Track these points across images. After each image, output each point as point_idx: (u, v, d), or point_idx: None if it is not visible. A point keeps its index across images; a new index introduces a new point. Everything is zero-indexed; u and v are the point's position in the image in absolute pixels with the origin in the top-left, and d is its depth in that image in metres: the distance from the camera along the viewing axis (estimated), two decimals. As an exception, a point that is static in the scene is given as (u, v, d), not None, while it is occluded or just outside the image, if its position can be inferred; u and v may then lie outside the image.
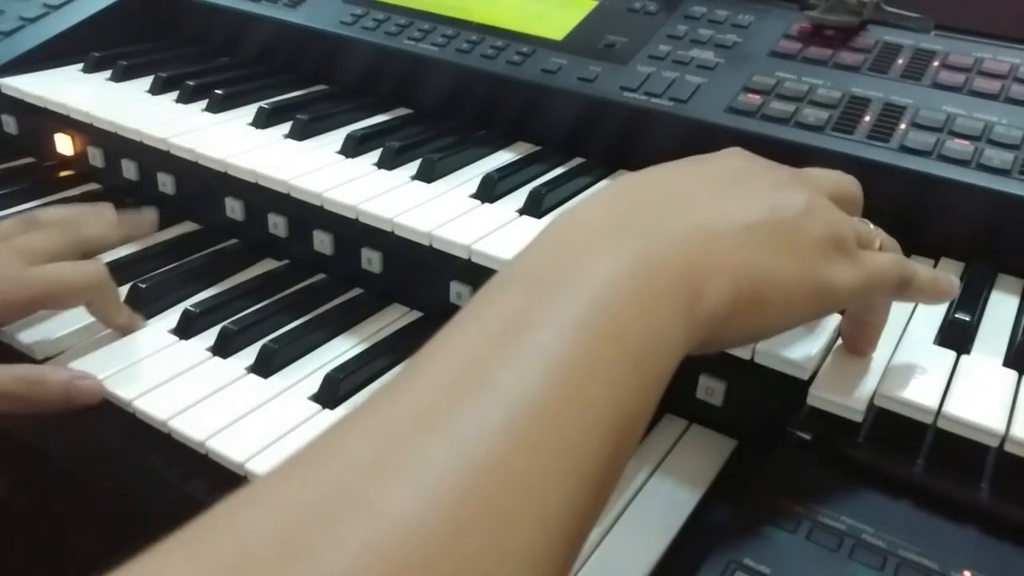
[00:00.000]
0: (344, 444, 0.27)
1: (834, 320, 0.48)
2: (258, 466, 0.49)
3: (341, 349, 0.61)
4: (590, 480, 0.28)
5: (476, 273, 0.57)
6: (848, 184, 0.46)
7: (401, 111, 0.79)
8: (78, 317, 0.61)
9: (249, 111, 0.76)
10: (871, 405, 0.45)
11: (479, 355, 0.29)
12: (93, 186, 0.82)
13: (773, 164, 0.43)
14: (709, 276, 0.34)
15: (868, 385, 0.45)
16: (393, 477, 0.25)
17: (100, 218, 0.64)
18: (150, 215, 0.69)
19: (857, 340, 0.47)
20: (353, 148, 0.69)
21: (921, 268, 0.44)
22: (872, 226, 0.44)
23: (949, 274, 0.47)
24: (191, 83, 0.78)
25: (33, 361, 0.59)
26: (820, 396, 0.45)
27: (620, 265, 0.32)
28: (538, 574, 0.26)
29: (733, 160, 0.42)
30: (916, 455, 0.46)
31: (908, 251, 0.59)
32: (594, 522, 0.30)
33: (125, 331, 0.61)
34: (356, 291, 0.68)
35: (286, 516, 0.24)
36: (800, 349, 0.46)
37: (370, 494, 0.25)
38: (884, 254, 0.43)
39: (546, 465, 0.27)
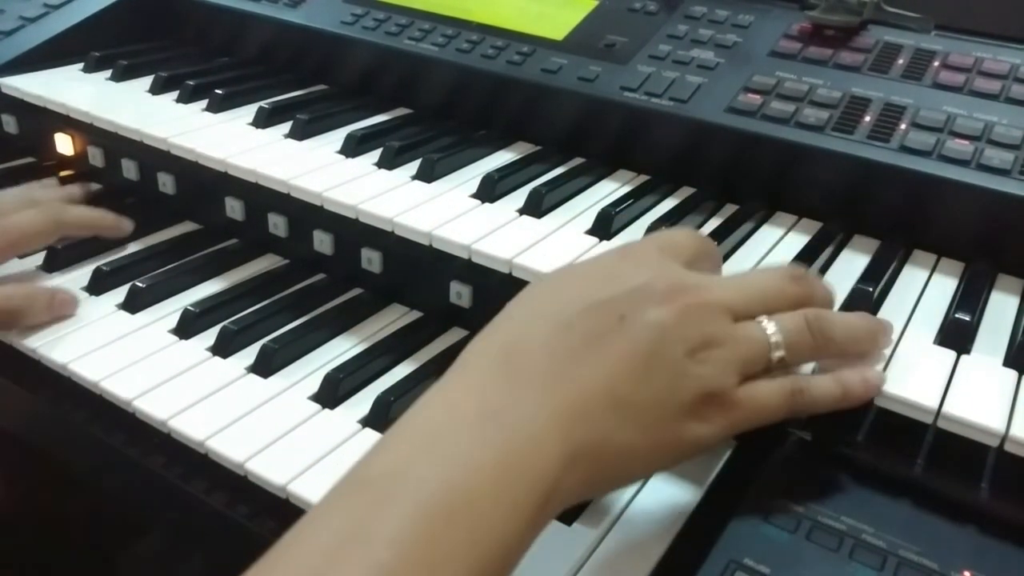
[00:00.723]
0: None
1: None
2: (258, 466, 0.49)
3: (341, 349, 0.61)
4: None
5: (476, 273, 0.57)
6: (774, 284, 0.43)
7: (401, 111, 0.79)
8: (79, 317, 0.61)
9: (249, 111, 0.76)
10: (871, 404, 0.44)
11: (350, 526, 0.31)
12: (93, 186, 0.81)
13: (684, 281, 0.40)
14: (568, 467, 0.35)
15: (875, 365, 0.45)
16: None
17: (83, 208, 0.72)
18: (126, 224, 0.73)
19: None
20: (353, 148, 0.69)
21: (819, 381, 0.42)
22: (772, 329, 0.40)
23: (866, 371, 0.43)
24: (191, 83, 0.78)
25: (35, 363, 0.59)
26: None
27: (474, 467, 0.33)
28: None
29: (642, 272, 0.40)
30: (916, 455, 0.46)
31: (908, 251, 0.59)
32: None
33: (117, 230, 0.70)
34: (356, 291, 0.68)
35: None
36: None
37: None
38: (767, 386, 0.40)
39: None
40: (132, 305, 0.64)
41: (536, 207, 0.62)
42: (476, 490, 0.32)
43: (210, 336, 0.61)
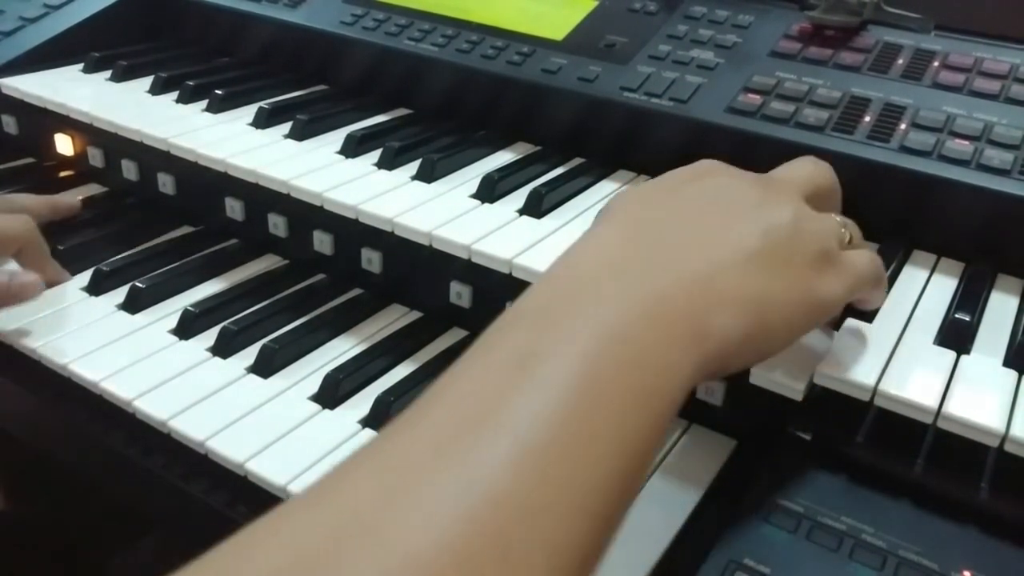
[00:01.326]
0: (358, 477, 0.28)
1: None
2: (258, 466, 0.49)
3: (341, 349, 0.61)
4: (597, 515, 0.29)
5: (476, 273, 0.57)
6: (822, 177, 0.48)
7: (401, 111, 0.79)
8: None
9: (249, 111, 0.76)
10: (871, 404, 0.44)
11: (487, 392, 0.30)
12: (93, 186, 0.82)
13: (751, 176, 0.44)
14: (715, 312, 0.35)
15: (870, 380, 0.45)
16: (403, 511, 0.26)
17: (27, 195, 0.72)
18: (73, 199, 0.75)
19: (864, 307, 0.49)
20: (353, 148, 0.69)
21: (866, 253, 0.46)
22: (839, 219, 0.45)
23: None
24: (191, 83, 0.78)
25: (35, 363, 0.59)
26: (827, 374, 0.45)
27: (626, 304, 0.33)
28: None
29: (716, 178, 0.43)
30: (916, 455, 0.46)
31: (908, 251, 0.59)
32: (602, 556, 0.30)
33: (51, 283, 0.66)
34: (356, 291, 0.68)
35: (300, 545, 0.26)
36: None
37: (380, 527, 0.26)
38: (861, 253, 0.44)
39: (553, 500, 0.28)
40: (132, 305, 0.64)
41: (536, 207, 0.62)
42: (637, 324, 0.33)
43: (210, 336, 0.61)
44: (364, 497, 0.27)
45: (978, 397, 0.43)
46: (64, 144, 0.81)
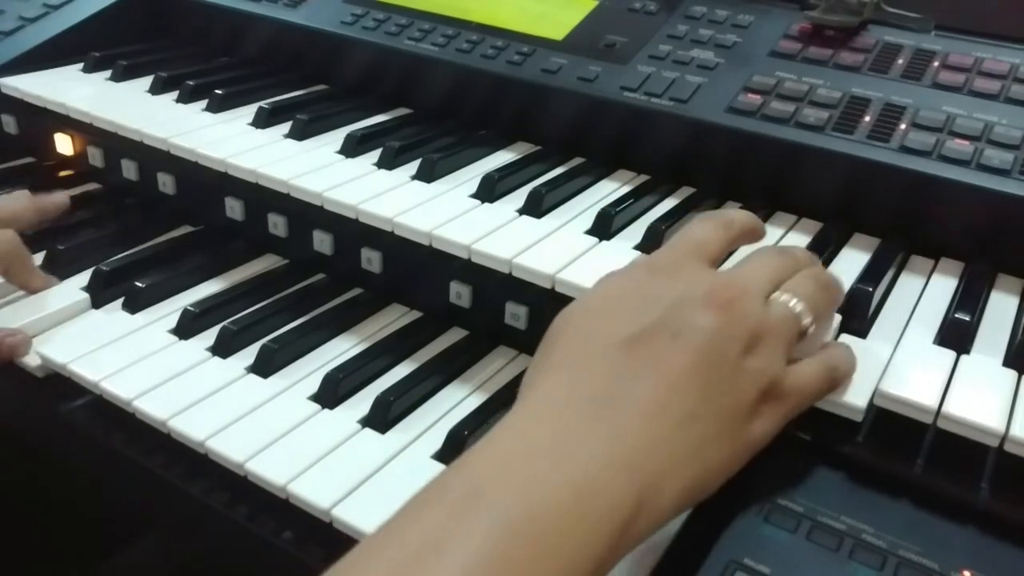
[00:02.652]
0: None
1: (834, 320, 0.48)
2: (258, 466, 0.49)
3: (341, 349, 0.61)
4: None
5: (476, 273, 0.57)
6: (784, 265, 0.43)
7: (401, 111, 0.79)
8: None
9: (249, 111, 0.76)
10: (871, 405, 0.44)
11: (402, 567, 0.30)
12: (93, 186, 0.82)
13: (715, 286, 0.40)
14: (648, 498, 0.34)
15: (869, 383, 0.45)
16: None
17: (14, 199, 0.69)
18: (61, 196, 0.73)
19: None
20: (353, 148, 0.69)
21: (840, 351, 0.45)
22: (793, 301, 0.41)
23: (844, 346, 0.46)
24: (191, 83, 0.78)
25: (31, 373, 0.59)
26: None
27: (549, 489, 0.32)
28: None
29: (677, 284, 0.40)
30: (916, 455, 0.46)
31: (908, 251, 0.59)
32: None
33: (37, 291, 0.65)
34: (356, 291, 0.68)
35: None
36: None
37: None
38: (807, 369, 0.42)
39: None
40: (132, 305, 0.64)
41: (536, 207, 0.62)
42: (552, 515, 0.32)
43: (210, 336, 0.61)
44: None
45: (978, 397, 0.43)
46: (64, 144, 0.81)
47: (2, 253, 0.64)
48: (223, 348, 0.60)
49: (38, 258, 0.70)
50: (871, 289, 0.51)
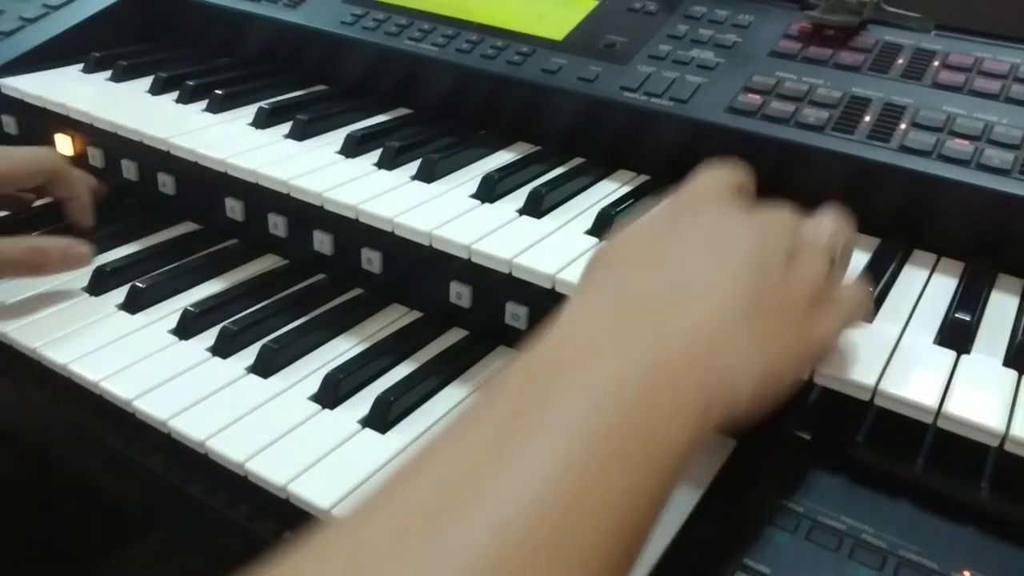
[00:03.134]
0: (334, 552, 0.27)
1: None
2: (258, 466, 0.49)
3: (341, 349, 0.61)
4: None
5: (476, 273, 0.57)
6: (831, 233, 0.45)
7: (401, 111, 0.79)
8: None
9: (249, 111, 0.76)
10: (871, 404, 0.44)
11: (473, 464, 0.28)
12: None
13: (740, 212, 0.42)
14: (722, 383, 0.34)
15: (872, 376, 0.44)
16: None
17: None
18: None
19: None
20: (353, 148, 0.69)
21: (855, 289, 0.46)
22: (825, 246, 0.43)
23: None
24: (191, 83, 0.78)
25: (34, 363, 0.59)
26: (827, 374, 0.45)
27: (623, 373, 0.32)
28: None
29: (706, 219, 0.41)
30: (916, 455, 0.46)
31: (908, 251, 0.59)
32: None
33: (87, 206, 0.73)
34: (356, 291, 0.68)
35: None
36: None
37: None
38: (849, 289, 0.45)
39: None
40: (132, 305, 0.64)
41: (536, 207, 0.62)
42: (628, 413, 0.31)
43: (210, 336, 0.61)
44: (364, 557, 0.26)
45: (978, 397, 0.43)
46: (64, 144, 0.81)
47: (45, 165, 0.70)
48: (223, 348, 0.60)
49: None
50: (871, 289, 0.51)
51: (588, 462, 0.29)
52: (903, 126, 0.60)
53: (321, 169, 0.66)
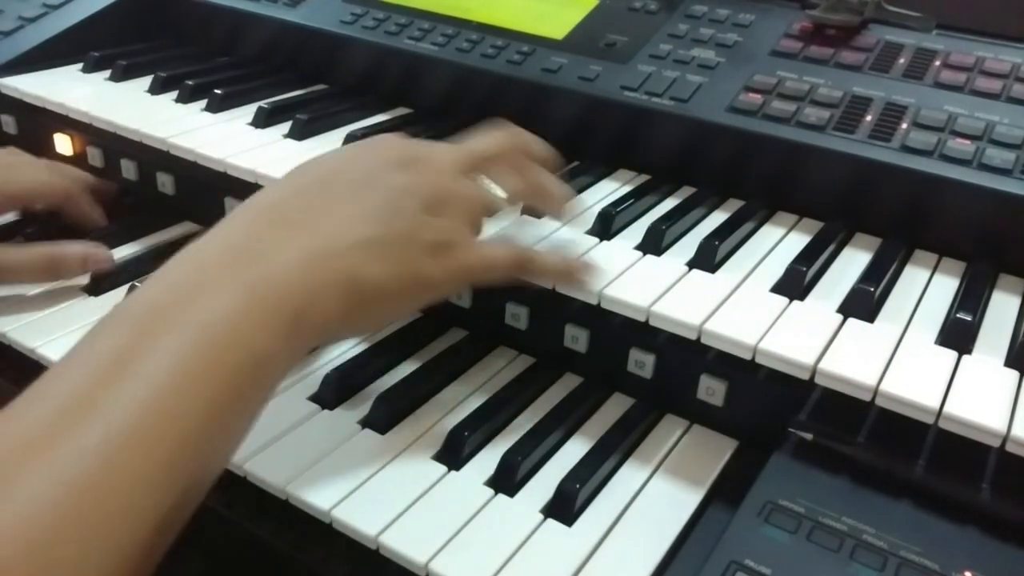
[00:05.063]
0: None
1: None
2: (257, 466, 0.49)
3: (341, 349, 0.61)
4: (175, 476, 0.33)
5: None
6: (493, 147, 0.52)
7: (401, 110, 0.79)
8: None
9: (248, 111, 0.75)
10: (872, 404, 0.44)
11: (86, 387, 0.33)
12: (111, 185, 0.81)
13: (402, 156, 0.47)
14: (316, 295, 0.39)
15: (873, 377, 0.44)
16: (13, 488, 0.30)
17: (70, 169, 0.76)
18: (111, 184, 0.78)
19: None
20: (353, 148, 0.69)
21: (544, 258, 0.51)
22: (491, 194, 0.51)
23: (583, 260, 0.52)
24: (190, 83, 0.78)
25: (33, 364, 0.59)
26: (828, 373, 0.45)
27: (231, 293, 0.37)
28: (125, 570, 0.31)
29: (376, 158, 0.47)
30: (917, 455, 0.46)
31: (910, 250, 0.59)
32: (185, 515, 0.35)
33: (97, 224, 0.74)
34: (356, 291, 0.68)
35: None
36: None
37: None
38: (500, 249, 0.49)
39: (137, 478, 0.32)
40: (131, 305, 0.64)
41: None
42: (234, 315, 0.36)
43: (210, 336, 0.61)
44: None
45: (979, 397, 0.43)
46: (63, 144, 0.81)
47: (53, 194, 0.71)
48: (223, 348, 0.59)
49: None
50: (872, 289, 0.51)
51: (187, 381, 0.34)
52: (904, 126, 0.60)
53: (321, 169, 0.66)
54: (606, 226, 0.59)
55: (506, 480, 0.49)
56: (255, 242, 0.40)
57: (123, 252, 0.72)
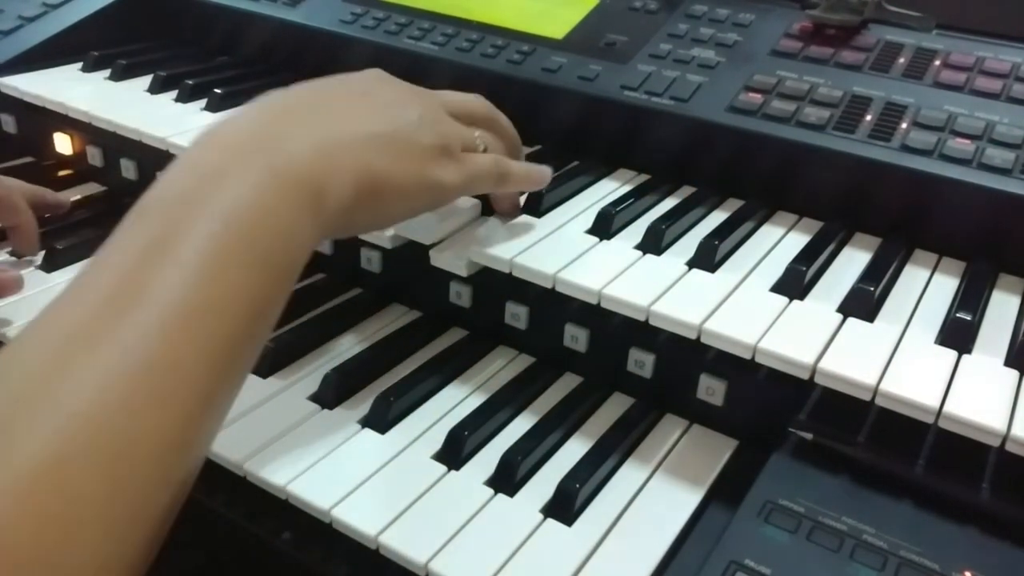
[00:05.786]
0: (25, 355, 0.33)
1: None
2: (257, 466, 0.49)
3: (340, 349, 0.61)
4: (232, 357, 0.36)
5: (476, 273, 0.57)
6: (472, 103, 0.56)
7: (401, 110, 0.79)
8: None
9: (248, 110, 0.75)
10: (872, 404, 0.44)
11: (131, 273, 0.35)
12: (92, 185, 0.82)
13: (404, 85, 0.52)
14: (332, 178, 0.41)
15: (872, 377, 0.44)
16: (71, 380, 0.31)
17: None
18: (63, 196, 0.76)
19: (499, 208, 0.59)
20: (353, 147, 0.69)
21: (516, 165, 0.56)
22: (478, 133, 0.54)
23: (542, 166, 0.58)
24: (190, 82, 0.78)
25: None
26: (828, 373, 0.44)
27: (249, 181, 0.38)
28: (189, 434, 0.34)
29: (368, 78, 0.51)
30: (917, 455, 0.46)
31: (910, 250, 0.59)
32: (235, 391, 0.38)
33: (31, 235, 0.70)
34: (356, 291, 0.68)
35: None
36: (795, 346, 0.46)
37: (50, 391, 0.31)
38: (484, 156, 0.53)
39: (196, 351, 0.34)
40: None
41: (536, 206, 0.61)
42: (261, 197, 0.38)
43: (209, 336, 0.61)
44: (34, 374, 0.31)
45: (979, 397, 0.43)
46: (63, 143, 0.81)
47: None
48: (222, 348, 0.59)
49: (37, 258, 0.70)
50: (872, 289, 0.51)
51: (222, 261, 0.36)
52: (904, 125, 0.60)
53: (321, 168, 0.66)
54: (606, 226, 0.59)
55: (506, 480, 0.49)
56: (270, 131, 0.41)
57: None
